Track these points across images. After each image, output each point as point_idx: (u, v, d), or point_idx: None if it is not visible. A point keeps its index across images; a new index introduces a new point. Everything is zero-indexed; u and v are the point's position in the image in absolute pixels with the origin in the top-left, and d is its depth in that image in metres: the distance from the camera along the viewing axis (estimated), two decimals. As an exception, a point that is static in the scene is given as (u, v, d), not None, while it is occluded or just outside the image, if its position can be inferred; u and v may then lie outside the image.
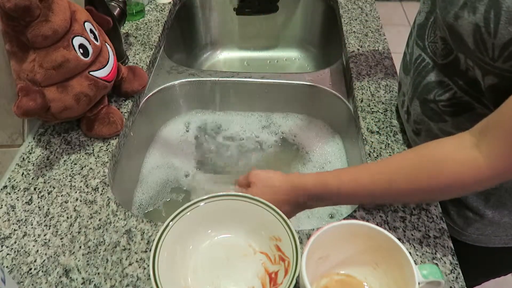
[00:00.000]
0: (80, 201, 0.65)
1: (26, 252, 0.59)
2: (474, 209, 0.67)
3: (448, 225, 0.71)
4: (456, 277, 0.56)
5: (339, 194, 0.57)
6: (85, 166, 0.70)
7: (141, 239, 0.60)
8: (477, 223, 0.68)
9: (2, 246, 0.60)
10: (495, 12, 0.45)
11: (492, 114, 0.47)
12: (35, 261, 0.58)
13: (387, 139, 0.74)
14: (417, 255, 0.58)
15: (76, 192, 0.66)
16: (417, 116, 0.65)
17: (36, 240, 0.60)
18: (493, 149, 0.46)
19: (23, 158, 0.72)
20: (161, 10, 1.09)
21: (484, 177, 0.47)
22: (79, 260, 0.58)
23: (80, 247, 0.59)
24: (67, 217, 0.63)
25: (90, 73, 0.68)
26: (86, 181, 0.68)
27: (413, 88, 0.65)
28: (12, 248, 0.59)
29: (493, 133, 0.46)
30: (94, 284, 0.55)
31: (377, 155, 0.71)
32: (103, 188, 0.67)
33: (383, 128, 0.76)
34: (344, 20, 1.05)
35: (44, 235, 0.61)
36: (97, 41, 0.69)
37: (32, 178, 0.69)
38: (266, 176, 0.62)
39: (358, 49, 0.94)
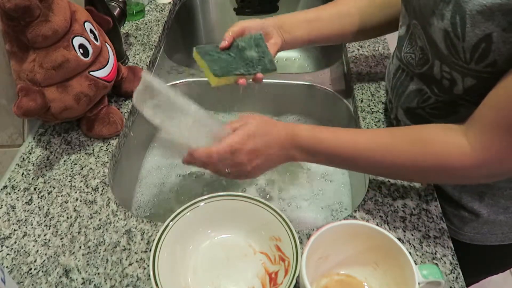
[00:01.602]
0: (80, 201, 0.65)
1: (26, 252, 0.59)
2: (469, 208, 0.68)
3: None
4: (456, 277, 0.56)
5: (334, 154, 0.56)
6: (85, 166, 0.70)
7: (141, 239, 0.60)
8: (473, 222, 0.69)
9: (2, 246, 0.60)
10: (460, 17, 0.46)
11: (478, 108, 0.49)
12: (35, 261, 0.58)
13: (387, 139, 0.74)
14: (417, 255, 0.58)
15: (76, 192, 0.66)
16: (404, 123, 0.66)
17: (36, 240, 0.60)
18: (477, 140, 0.48)
19: (23, 158, 0.72)
20: (161, 10, 1.09)
21: (469, 164, 0.49)
22: (79, 260, 0.58)
23: (80, 247, 0.59)
24: (67, 217, 0.63)
25: (90, 73, 0.68)
26: (86, 181, 0.68)
27: (397, 98, 0.66)
28: (12, 248, 0.59)
29: (477, 125, 0.49)
30: (94, 284, 0.55)
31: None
32: (103, 188, 0.67)
33: (383, 128, 0.76)
34: (344, 20, 1.04)
35: (44, 235, 0.61)
36: (97, 41, 0.69)
37: (32, 178, 0.69)
38: (260, 119, 0.58)
39: (358, 49, 0.94)
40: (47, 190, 0.67)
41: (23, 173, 0.69)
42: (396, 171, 0.57)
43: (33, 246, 0.60)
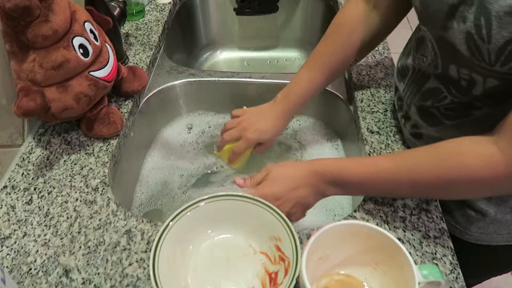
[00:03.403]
0: (80, 201, 0.65)
1: (26, 252, 0.59)
2: (476, 207, 0.67)
3: (451, 224, 0.71)
4: (456, 277, 0.56)
5: (360, 180, 0.56)
6: (85, 166, 0.70)
7: (141, 239, 0.60)
8: (479, 222, 0.69)
9: (2, 246, 0.60)
10: (485, 18, 0.45)
11: (509, 114, 0.47)
12: (35, 261, 0.58)
13: (387, 139, 0.74)
14: (417, 255, 0.58)
15: (76, 192, 0.66)
16: (417, 121, 0.66)
17: (36, 240, 0.60)
18: (510, 147, 0.46)
19: (23, 158, 0.72)
20: (161, 10, 1.09)
21: (501, 174, 0.47)
22: (79, 260, 0.58)
23: (80, 247, 0.59)
24: (67, 217, 0.63)
25: (90, 73, 0.68)
26: (86, 181, 0.68)
27: (410, 96, 0.66)
28: (12, 248, 0.59)
29: (510, 131, 0.47)
30: (94, 284, 0.55)
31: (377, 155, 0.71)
32: (103, 188, 0.67)
33: (383, 128, 0.76)
34: (344, 20, 1.04)
35: (44, 235, 0.61)
36: (97, 41, 0.69)
37: (32, 178, 0.69)
38: (283, 165, 0.62)
39: (358, 49, 0.94)
40: (47, 190, 0.67)
41: (23, 173, 0.69)
42: (426, 190, 0.56)
43: (33, 246, 0.60)
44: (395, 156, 0.56)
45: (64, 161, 0.71)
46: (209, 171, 0.88)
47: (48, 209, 0.64)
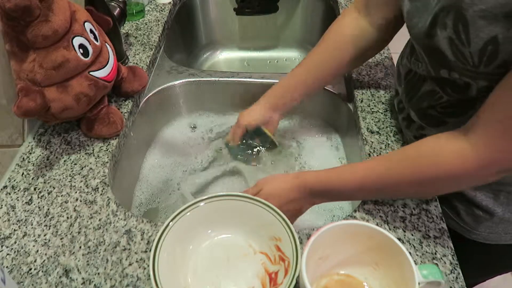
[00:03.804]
0: (80, 201, 0.65)
1: (26, 252, 0.59)
2: (483, 207, 0.67)
3: (458, 224, 0.71)
4: (456, 277, 0.56)
5: (343, 191, 0.61)
6: (85, 166, 0.70)
7: (141, 239, 0.60)
8: (487, 221, 0.68)
9: (2, 246, 0.60)
10: (462, 24, 0.47)
11: (481, 107, 0.49)
12: (35, 261, 0.58)
13: (387, 139, 0.74)
14: (417, 255, 0.58)
15: (76, 192, 0.66)
16: (417, 123, 0.66)
17: (36, 240, 0.60)
18: (480, 140, 0.48)
19: (23, 158, 0.72)
20: (161, 10, 1.09)
21: (472, 167, 0.49)
22: (79, 260, 0.58)
23: (80, 247, 0.59)
24: (67, 217, 0.63)
25: (90, 73, 0.68)
26: (86, 181, 0.68)
27: (407, 99, 0.67)
28: (12, 248, 0.59)
29: (480, 124, 0.49)
30: (94, 284, 0.55)
31: (377, 155, 0.71)
32: (103, 188, 0.67)
33: (383, 128, 0.76)
34: (344, 20, 1.04)
35: (44, 235, 0.61)
36: (97, 41, 0.69)
37: (32, 178, 0.69)
38: (272, 180, 0.65)
39: (358, 49, 0.94)
40: (47, 190, 0.67)
41: (23, 173, 0.69)
42: (404, 193, 0.61)
43: (33, 246, 0.60)
44: (373, 164, 0.59)
45: (64, 161, 0.71)
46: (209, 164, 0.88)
47: (48, 209, 0.64)
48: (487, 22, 0.45)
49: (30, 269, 0.57)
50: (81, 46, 0.65)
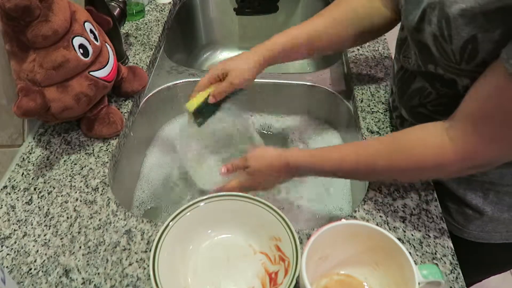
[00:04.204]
0: (80, 201, 0.65)
1: (26, 252, 0.59)
2: (473, 206, 0.68)
3: (449, 222, 0.71)
4: (456, 277, 0.56)
5: (324, 170, 0.63)
6: (85, 166, 0.70)
7: (141, 239, 0.60)
8: (477, 220, 0.69)
9: (2, 246, 0.60)
10: (445, 21, 0.48)
11: (461, 103, 0.51)
12: (35, 261, 0.58)
13: (387, 139, 0.74)
14: (417, 255, 0.58)
15: (76, 192, 0.66)
16: (409, 121, 0.67)
17: (36, 240, 0.60)
18: (458, 134, 0.50)
19: (23, 158, 0.72)
20: (161, 10, 1.09)
21: (448, 161, 0.51)
22: (79, 260, 0.58)
23: (80, 247, 0.59)
24: (67, 217, 0.63)
25: (90, 73, 0.68)
26: (86, 181, 0.68)
27: (399, 97, 0.67)
28: (12, 248, 0.59)
29: (458, 118, 0.50)
30: (94, 284, 0.55)
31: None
32: (103, 188, 0.67)
33: (383, 128, 0.76)
34: (344, 20, 1.04)
35: (44, 235, 0.61)
36: (97, 41, 0.69)
37: (32, 178, 0.69)
38: (261, 158, 0.66)
39: (358, 49, 0.94)
40: (47, 190, 0.67)
41: (23, 173, 0.69)
42: (384, 177, 0.65)
43: (33, 246, 0.60)
44: (357, 149, 0.60)
45: (64, 161, 0.71)
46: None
47: (48, 209, 0.64)
48: (467, 21, 0.45)
49: (30, 269, 0.57)
50: (81, 46, 0.65)
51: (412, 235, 0.60)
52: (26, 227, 0.62)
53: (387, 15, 0.69)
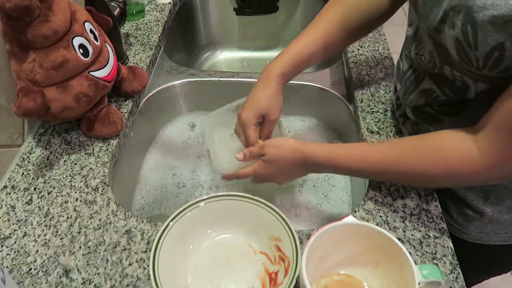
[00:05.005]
0: (80, 201, 0.65)
1: (26, 252, 0.59)
2: (473, 207, 0.67)
3: (448, 223, 0.71)
4: (456, 277, 0.56)
5: (346, 168, 0.62)
6: (85, 166, 0.70)
7: (141, 239, 0.60)
8: (477, 221, 0.69)
9: (2, 246, 0.60)
10: (471, 26, 0.46)
11: (490, 110, 0.49)
12: (35, 261, 0.58)
13: (387, 139, 0.74)
14: (417, 255, 0.58)
15: (76, 192, 0.66)
16: (412, 120, 0.66)
17: (36, 240, 0.60)
18: (487, 143, 0.49)
19: (23, 158, 0.72)
20: (161, 10, 1.09)
21: (476, 170, 0.50)
22: (79, 260, 0.58)
23: (80, 247, 0.59)
24: (67, 217, 0.63)
25: (90, 73, 0.68)
26: (86, 181, 0.68)
27: (405, 96, 0.67)
28: (12, 248, 0.59)
29: (488, 128, 0.49)
30: (94, 284, 0.55)
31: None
32: (103, 188, 0.67)
33: (383, 128, 0.76)
34: (344, 20, 1.04)
35: (44, 235, 0.61)
36: (97, 41, 0.69)
37: (32, 178, 0.69)
38: (279, 148, 0.65)
39: (358, 49, 0.94)
40: (47, 190, 0.67)
41: (23, 173, 0.69)
42: (407, 180, 0.63)
43: (33, 246, 0.60)
44: (380, 149, 0.59)
45: (64, 161, 0.71)
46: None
47: (48, 209, 0.64)
48: (496, 28, 0.44)
49: (30, 269, 0.57)
50: (81, 46, 0.65)
51: (412, 235, 0.60)
52: (26, 227, 0.62)
53: (384, 1, 0.69)
